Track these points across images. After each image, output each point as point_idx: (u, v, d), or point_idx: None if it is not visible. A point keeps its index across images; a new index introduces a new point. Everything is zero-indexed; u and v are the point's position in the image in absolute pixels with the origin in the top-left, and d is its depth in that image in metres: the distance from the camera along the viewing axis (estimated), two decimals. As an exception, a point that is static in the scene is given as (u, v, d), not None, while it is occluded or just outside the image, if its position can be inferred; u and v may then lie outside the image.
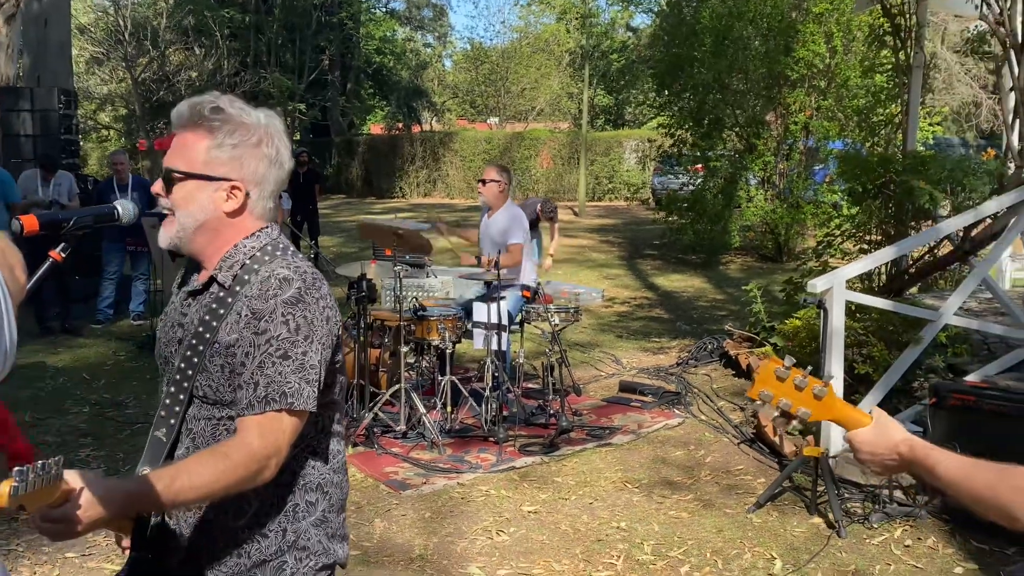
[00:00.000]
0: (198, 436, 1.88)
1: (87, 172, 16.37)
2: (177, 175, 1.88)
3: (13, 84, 12.74)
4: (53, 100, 11.54)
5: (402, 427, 6.18)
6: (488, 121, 41.11)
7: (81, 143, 16.90)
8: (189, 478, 1.68)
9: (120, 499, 1.60)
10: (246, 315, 1.82)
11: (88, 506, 1.53)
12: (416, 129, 39.42)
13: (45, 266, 1.95)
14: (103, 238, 9.72)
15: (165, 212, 1.93)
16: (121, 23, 26.27)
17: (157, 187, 1.92)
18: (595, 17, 33.24)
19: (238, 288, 1.86)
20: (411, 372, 6.42)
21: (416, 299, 6.79)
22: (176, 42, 28.74)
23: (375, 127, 42.92)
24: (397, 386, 6.26)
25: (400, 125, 40.18)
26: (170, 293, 2.12)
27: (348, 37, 36.15)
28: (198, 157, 1.88)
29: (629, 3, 34.75)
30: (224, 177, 1.89)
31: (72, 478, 1.52)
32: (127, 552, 1.90)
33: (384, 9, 41.34)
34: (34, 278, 1.94)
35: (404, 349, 6.30)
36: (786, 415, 1.81)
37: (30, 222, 1.89)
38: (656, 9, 21.02)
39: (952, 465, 1.68)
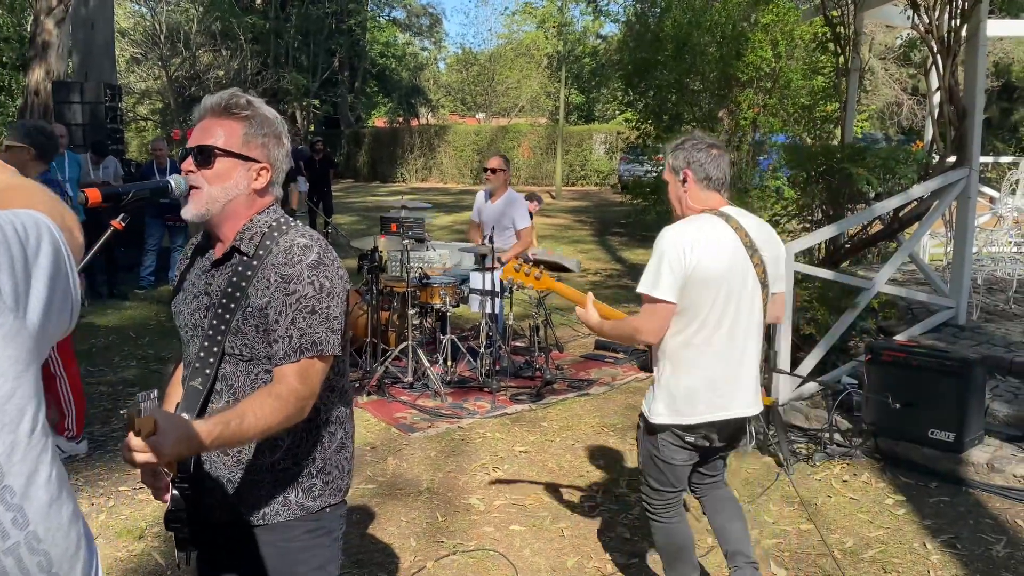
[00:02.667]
0: (239, 390, 1.87)
1: (129, 157, 16.10)
2: (219, 151, 1.85)
3: (64, 79, 12.50)
4: (100, 93, 11.34)
5: (409, 379, 6.15)
6: (476, 116, 40.78)
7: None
8: (255, 417, 1.69)
9: (197, 438, 1.57)
10: (275, 280, 1.82)
11: (175, 441, 1.50)
12: (414, 123, 39.07)
13: (107, 233, 1.89)
14: (145, 214, 9.57)
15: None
16: (157, 27, 25.88)
17: (188, 164, 1.86)
18: (570, 26, 32.90)
19: (261, 254, 1.85)
20: (416, 332, 6.37)
21: (421, 268, 6.72)
22: (205, 44, 28.28)
23: (379, 120, 42.49)
24: (404, 343, 6.22)
25: (400, 119, 39.84)
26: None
27: (356, 42, 35.76)
28: (236, 140, 1.88)
29: (600, 14, 34.38)
30: (256, 159, 1.89)
31: (157, 414, 1.49)
32: (165, 498, 1.88)
33: (387, 18, 40.85)
34: (97, 244, 1.89)
35: (411, 312, 6.25)
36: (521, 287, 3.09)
37: (94, 194, 1.83)
38: (623, 19, 20.82)
39: (605, 325, 3.04)
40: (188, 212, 1.87)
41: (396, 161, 33.54)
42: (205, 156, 1.84)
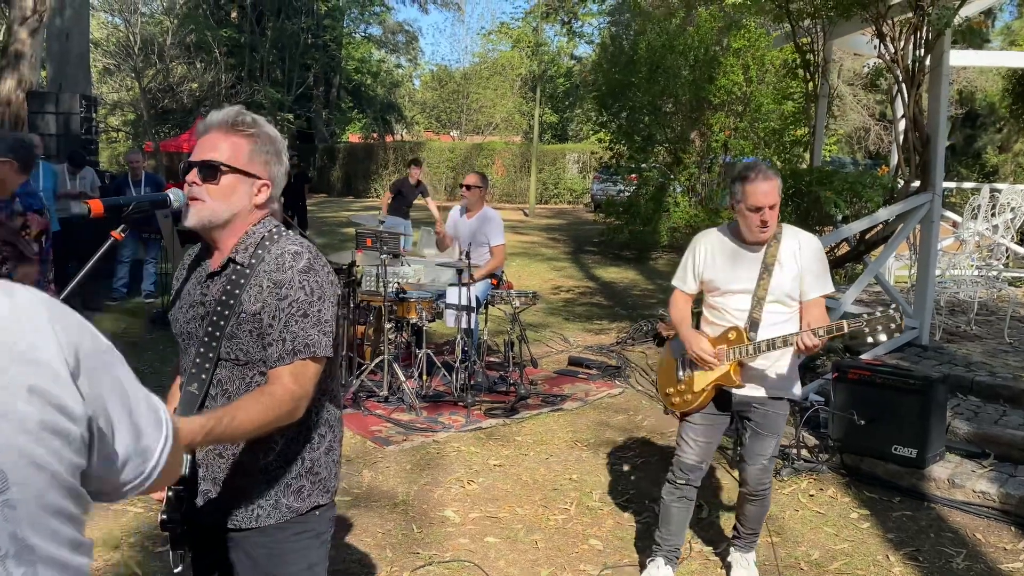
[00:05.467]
0: (233, 394, 1.93)
1: (102, 168, 15.96)
2: (225, 167, 1.91)
3: (37, 90, 12.43)
4: (75, 104, 11.29)
5: (384, 392, 6.19)
6: (451, 133, 40.92)
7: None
8: (247, 414, 1.75)
9: (194, 432, 1.62)
10: (268, 286, 1.89)
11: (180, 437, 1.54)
12: (389, 139, 39.06)
13: (107, 244, 1.94)
14: (119, 226, 9.54)
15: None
16: (131, 38, 25.76)
17: (193, 176, 1.92)
18: (544, 46, 33.23)
19: (254, 262, 1.92)
20: (392, 346, 6.42)
21: (398, 283, 6.78)
22: (180, 57, 28.16)
23: (353, 136, 42.43)
24: (380, 357, 6.27)
25: (375, 135, 39.83)
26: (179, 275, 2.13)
27: (331, 57, 35.77)
28: (242, 157, 1.94)
29: (573, 35, 34.75)
30: (259, 176, 1.96)
31: None
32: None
33: (363, 34, 40.94)
34: (97, 254, 1.94)
35: (387, 326, 6.30)
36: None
37: (96, 206, 1.88)
38: (598, 41, 21.15)
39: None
40: (190, 220, 1.93)
41: (370, 177, 33.57)
42: (211, 171, 1.91)
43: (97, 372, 1.09)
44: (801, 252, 3.39)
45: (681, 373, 3.58)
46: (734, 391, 3.46)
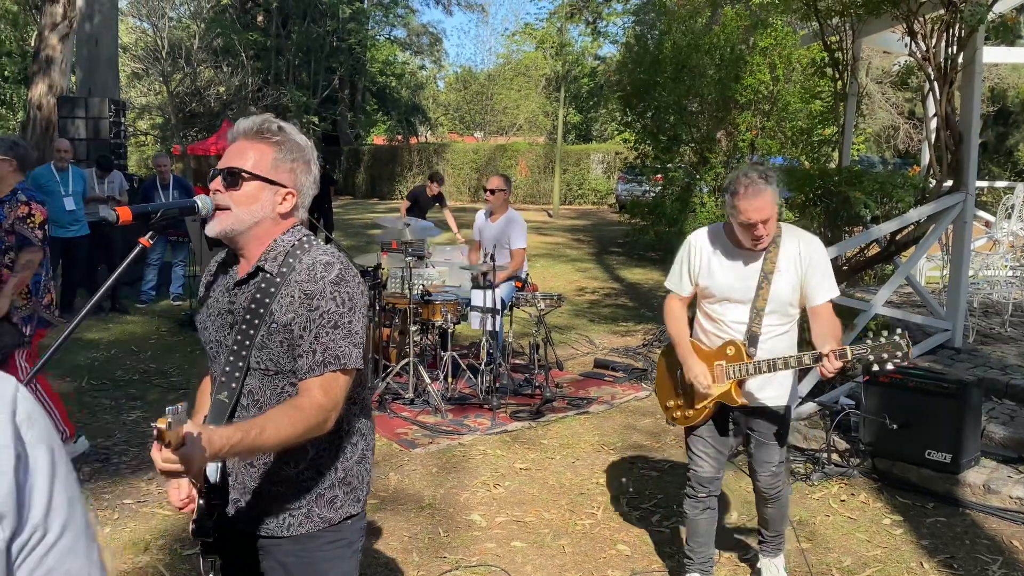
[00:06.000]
0: (264, 404, 1.91)
1: (131, 172, 16.15)
2: (246, 175, 1.90)
3: (67, 95, 12.59)
4: (104, 109, 11.42)
5: (410, 395, 6.19)
6: (475, 135, 40.95)
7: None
8: (275, 427, 1.73)
9: (221, 444, 1.61)
10: (299, 296, 1.86)
11: (204, 448, 1.54)
12: (413, 141, 39.15)
13: (135, 250, 1.94)
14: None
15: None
16: (159, 43, 26.06)
17: (217, 184, 1.92)
18: (569, 47, 33.14)
19: (284, 271, 1.90)
20: (417, 348, 6.42)
21: (423, 285, 6.78)
22: (207, 61, 28.46)
23: (378, 138, 42.58)
24: (406, 360, 6.27)
25: (400, 137, 39.95)
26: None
27: (356, 60, 35.94)
28: (266, 164, 1.93)
29: (598, 35, 34.67)
30: (283, 184, 1.94)
31: (187, 427, 1.52)
32: (182, 508, 1.92)
33: (388, 36, 41.09)
34: (126, 261, 1.94)
35: (412, 328, 6.30)
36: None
37: (124, 213, 1.88)
38: (622, 40, 21.12)
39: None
40: (212, 229, 1.92)
41: (395, 179, 33.66)
42: (234, 178, 1.90)
43: None
44: (802, 257, 3.21)
45: (680, 388, 3.49)
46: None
